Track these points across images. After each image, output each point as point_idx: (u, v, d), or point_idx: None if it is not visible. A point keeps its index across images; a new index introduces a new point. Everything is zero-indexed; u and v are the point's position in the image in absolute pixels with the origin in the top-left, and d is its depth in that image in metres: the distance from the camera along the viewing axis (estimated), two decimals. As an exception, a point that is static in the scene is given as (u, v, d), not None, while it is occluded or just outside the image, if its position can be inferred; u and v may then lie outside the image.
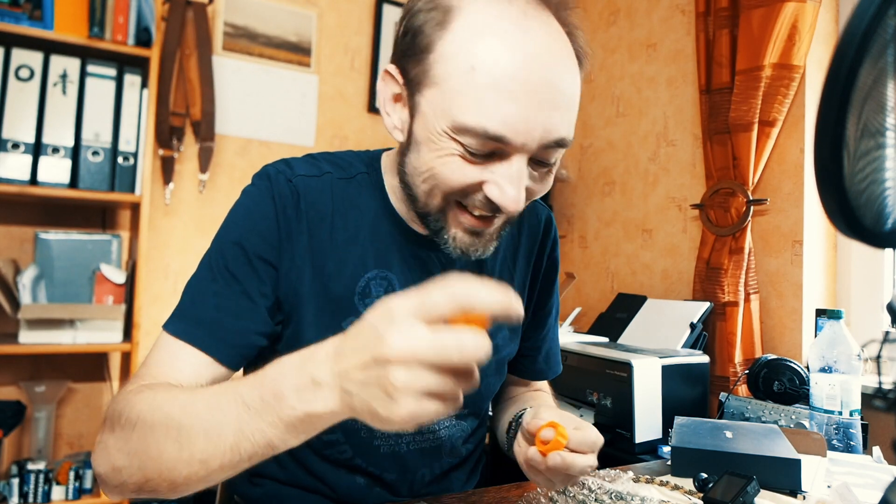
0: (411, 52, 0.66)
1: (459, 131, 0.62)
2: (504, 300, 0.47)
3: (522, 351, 0.96)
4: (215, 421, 0.53)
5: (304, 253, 0.73)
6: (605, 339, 1.90)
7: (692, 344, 1.75)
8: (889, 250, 0.97)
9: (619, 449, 1.45)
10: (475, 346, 0.45)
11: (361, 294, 0.75)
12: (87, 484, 1.79)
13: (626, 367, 1.44)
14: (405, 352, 0.44)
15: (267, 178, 0.74)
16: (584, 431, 0.69)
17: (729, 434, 0.98)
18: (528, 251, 0.89)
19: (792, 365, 1.50)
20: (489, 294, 0.46)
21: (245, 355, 0.71)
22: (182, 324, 0.69)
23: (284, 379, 0.51)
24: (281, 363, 0.53)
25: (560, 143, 0.65)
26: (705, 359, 1.63)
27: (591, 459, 0.68)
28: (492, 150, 0.63)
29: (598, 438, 0.69)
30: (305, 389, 0.49)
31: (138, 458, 0.57)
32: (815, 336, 1.64)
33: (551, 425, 0.69)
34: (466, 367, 0.46)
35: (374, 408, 0.46)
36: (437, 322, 0.46)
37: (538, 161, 0.67)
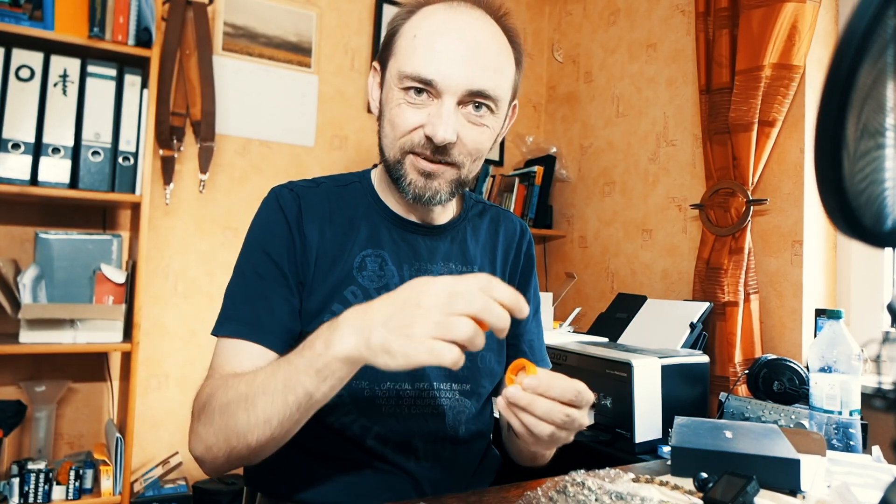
0: (384, 45, 0.88)
1: (402, 79, 0.82)
2: (514, 296, 0.61)
3: (507, 339, 1.01)
4: (270, 383, 0.68)
5: (311, 242, 0.88)
6: (605, 339, 1.90)
7: (692, 344, 1.75)
8: (889, 250, 0.97)
9: (619, 449, 1.45)
10: (477, 300, 0.59)
11: (358, 268, 0.89)
12: (88, 484, 1.78)
13: (626, 367, 1.44)
14: (430, 304, 0.59)
15: (273, 194, 0.91)
16: (559, 378, 0.69)
17: (729, 434, 0.98)
18: (506, 247, 1.03)
19: (792, 365, 1.50)
20: (506, 288, 0.61)
21: (287, 340, 0.84)
22: (232, 325, 0.83)
23: (316, 336, 0.67)
24: (320, 328, 0.68)
25: (482, 94, 0.82)
26: (705, 359, 1.63)
27: (565, 410, 0.67)
28: (426, 93, 0.81)
29: (568, 385, 0.68)
30: (330, 338, 0.65)
31: (222, 432, 0.72)
32: (815, 336, 1.64)
33: (522, 362, 0.68)
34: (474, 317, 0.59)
35: (389, 342, 0.60)
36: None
37: (470, 110, 0.83)
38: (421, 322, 0.59)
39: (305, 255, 0.87)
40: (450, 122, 0.80)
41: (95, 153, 1.81)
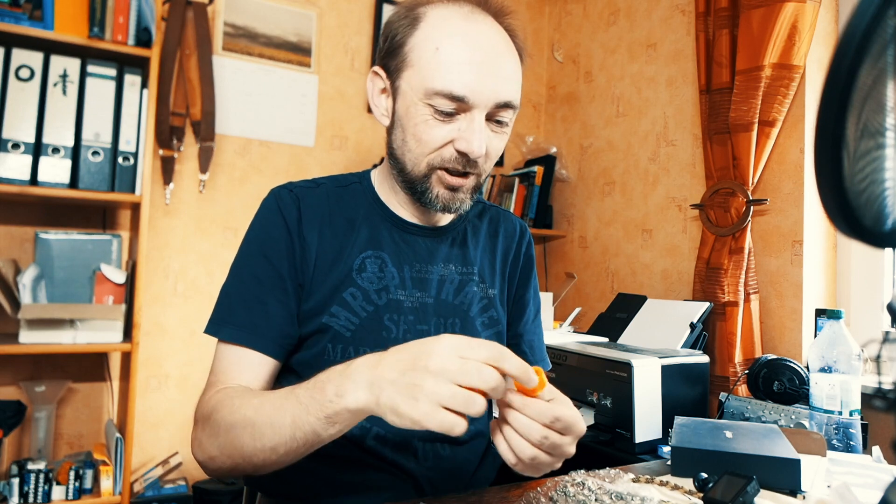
0: (391, 51, 0.85)
1: (430, 95, 0.80)
2: (523, 367, 0.61)
3: (507, 339, 1.02)
4: (278, 417, 0.69)
5: (311, 244, 0.87)
6: (605, 339, 1.90)
7: (692, 344, 1.75)
8: (889, 250, 0.97)
9: (619, 449, 1.45)
10: (491, 377, 0.59)
11: (358, 270, 0.89)
12: (87, 484, 1.78)
13: (626, 367, 1.44)
14: (440, 368, 0.58)
15: (273, 195, 0.90)
16: (540, 403, 0.66)
17: (729, 434, 0.98)
18: (506, 248, 1.03)
19: (792, 365, 1.50)
20: (514, 359, 0.61)
21: (285, 345, 0.85)
22: (229, 329, 0.84)
23: (329, 381, 0.66)
24: (330, 370, 0.68)
25: (508, 105, 0.83)
26: (705, 359, 1.63)
27: (543, 431, 0.65)
28: (455, 108, 0.80)
29: (545, 408, 0.65)
30: (342, 387, 0.64)
31: (226, 450, 0.74)
32: (815, 336, 1.64)
33: (535, 370, 0.66)
34: (480, 391, 0.59)
35: (398, 404, 0.59)
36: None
37: (494, 120, 0.83)
38: (430, 388, 0.58)
39: (305, 258, 0.87)
40: (482, 137, 0.81)
41: (95, 153, 1.81)
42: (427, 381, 0.58)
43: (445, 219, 0.97)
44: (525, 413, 0.65)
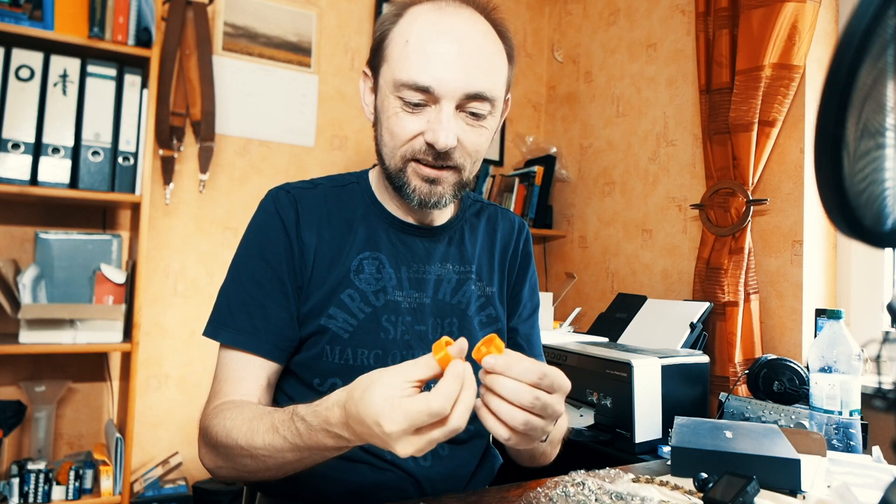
0: (374, 50, 0.87)
1: (398, 87, 0.81)
2: (452, 393, 0.59)
3: (505, 336, 1.02)
4: (277, 453, 0.71)
5: (309, 245, 0.87)
6: (605, 339, 1.90)
7: (692, 344, 1.75)
8: (889, 250, 0.97)
9: (619, 449, 1.45)
10: (448, 433, 0.59)
11: (356, 271, 0.89)
12: (87, 484, 1.78)
13: (626, 367, 1.44)
14: (406, 452, 0.59)
15: (271, 196, 0.90)
16: (521, 360, 0.63)
17: (729, 434, 0.98)
18: (504, 245, 1.03)
19: (792, 365, 1.50)
20: (442, 394, 0.58)
21: (286, 348, 0.86)
22: (230, 333, 0.84)
23: (316, 432, 0.66)
24: (307, 423, 0.67)
25: (480, 96, 0.81)
26: (705, 359, 1.63)
27: (534, 393, 0.61)
28: (424, 100, 0.80)
29: (532, 366, 0.62)
30: (338, 440, 0.66)
31: (229, 464, 0.78)
32: (815, 336, 1.64)
33: (487, 340, 0.64)
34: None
35: (393, 450, 0.61)
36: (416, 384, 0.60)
37: (468, 113, 0.82)
38: (410, 453, 0.60)
39: (303, 260, 0.87)
40: (450, 128, 0.80)
41: (95, 153, 1.81)
42: (406, 455, 0.60)
43: (441, 218, 0.96)
44: (510, 375, 0.61)
